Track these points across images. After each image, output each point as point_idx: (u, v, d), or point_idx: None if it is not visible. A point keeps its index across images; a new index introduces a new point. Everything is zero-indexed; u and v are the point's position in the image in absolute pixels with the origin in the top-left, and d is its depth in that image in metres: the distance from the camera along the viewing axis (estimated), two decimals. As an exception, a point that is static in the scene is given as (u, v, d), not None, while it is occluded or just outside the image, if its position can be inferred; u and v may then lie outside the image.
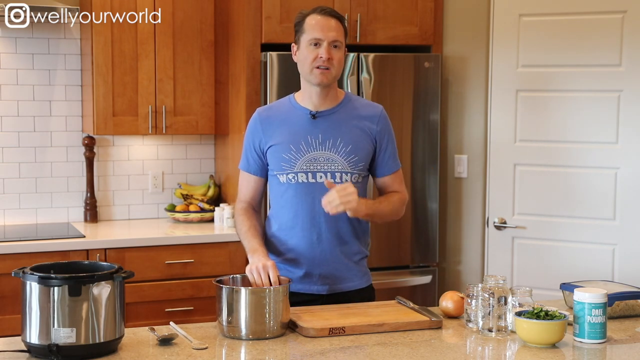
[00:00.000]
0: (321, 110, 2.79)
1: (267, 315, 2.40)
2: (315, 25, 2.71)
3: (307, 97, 2.80)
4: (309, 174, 2.75)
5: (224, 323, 2.42)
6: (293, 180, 2.76)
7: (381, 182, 2.89)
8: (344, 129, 2.79)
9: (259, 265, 2.55)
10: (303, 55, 2.74)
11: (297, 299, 2.74)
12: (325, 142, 2.76)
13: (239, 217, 2.84)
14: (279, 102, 2.90)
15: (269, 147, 2.78)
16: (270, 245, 2.84)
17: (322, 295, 2.80)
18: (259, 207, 2.90)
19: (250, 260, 2.64)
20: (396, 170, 2.89)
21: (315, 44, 2.71)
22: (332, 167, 2.76)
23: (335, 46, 2.72)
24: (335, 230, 2.78)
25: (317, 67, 2.71)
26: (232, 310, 2.40)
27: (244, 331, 2.39)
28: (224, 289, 2.43)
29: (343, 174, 2.76)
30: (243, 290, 2.41)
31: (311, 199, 2.75)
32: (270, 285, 2.51)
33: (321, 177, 2.75)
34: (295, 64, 2.82)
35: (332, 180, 2.72)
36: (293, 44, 2.80)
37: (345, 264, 2.81)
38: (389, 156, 2.86)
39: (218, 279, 2.55)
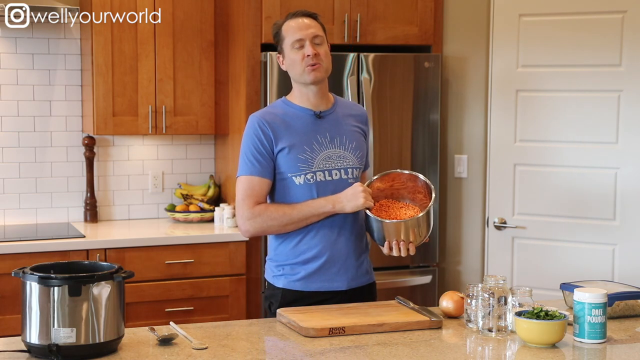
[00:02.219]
0: (323, 111, 2.83)
1: (429, 227, 2.71)
2: (292, 29, 2.76)
3: (304, 99, 2.82)
4: (326, 172, 2.78)
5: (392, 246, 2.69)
6: (312, 179, 2.76)
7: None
8: (344, 127, 2.85)
9: (363, 194, 2.66)
10: (290, 60, 2.78)
11: (319, 298, 2.77)
12: (334, 140, 2.81)
13: (268, 208, 2.74)
14: (273, 106, 2.89)
15: (280, 151, 2.76)
16: (285, 246, 2.82)
17: (341, 291, 2.81)
18: None
19: (340, 204, 2.70)
20: (369, 167, 3.03)
21: (299, 46, 2.75)
22: (345, 164, 2.81)
23: (317, 43, 2.76)
24: (351, 228, 2.81)
25: (308, 65, 2.74)
26: (395, 233, 2.67)
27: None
28: (384, 223, 2.65)
29: (354, 169, 2.83)
30: (403, 223, 2.65)
31: (326, 196, 2.77)
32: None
33: (336, 174, 2.79)
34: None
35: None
36: (278, 55, 2.84)
37: (359, 260, 2.86)
38: (368, 154, 2.99)
39: (367, 209, 2.69)
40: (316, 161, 2.77)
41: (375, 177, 2.82)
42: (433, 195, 2.73)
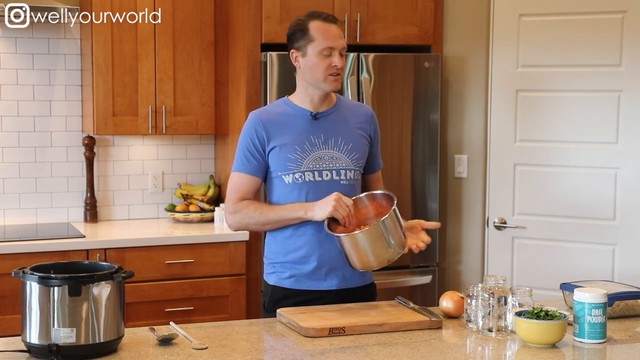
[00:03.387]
0: (321, 112, 2.84)
1: (388, 243, 2.59)
2: (325, 34, 2.75)
3: (307, 99, 2.84)
4: (315, 172, 2.79)
5: (356, 264, 2.63)
6: (300, 179, 2.78)
7: (368, 179, 2.99)
8: (343, 128, 2.85)
9: (333, 202, 2.64)
10: (313, 64, 2.76)
11: (308, 297, 2.78)
12: (328, 141, 2.82)
13: (249, 206, 2.79)
14: (274, 105, 2.92)
15: (271, 149, 2.79)
16: (276, 244, 2.85)
17: (331, 291, 2.81)
18: None
19: (311, 212, 2.70)
20: (381, 168, 3.04)
21: (328, 54, 2.75)
22: (337, 165, 2.81)
23: (342, 55, 2.79)
24: None
25: (331, 75, 2.76)
26: (357, 251, 2.59)
27: (375, 263, 2.62)
28: (342, 238, 2.58)
29: (347, 171, 2.83)
30: (360, 234, 2.56)
31: (318, 197, 2.77)
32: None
33: (327, 174, 2.80)
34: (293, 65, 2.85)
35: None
36: (293, 51, 2.81)
37: None
38: (377, 154, 3.00)
39: (328, 225, 2.65)
40: (305, 161, 2.78)
41: None
42: (395, 202, 2.64)
